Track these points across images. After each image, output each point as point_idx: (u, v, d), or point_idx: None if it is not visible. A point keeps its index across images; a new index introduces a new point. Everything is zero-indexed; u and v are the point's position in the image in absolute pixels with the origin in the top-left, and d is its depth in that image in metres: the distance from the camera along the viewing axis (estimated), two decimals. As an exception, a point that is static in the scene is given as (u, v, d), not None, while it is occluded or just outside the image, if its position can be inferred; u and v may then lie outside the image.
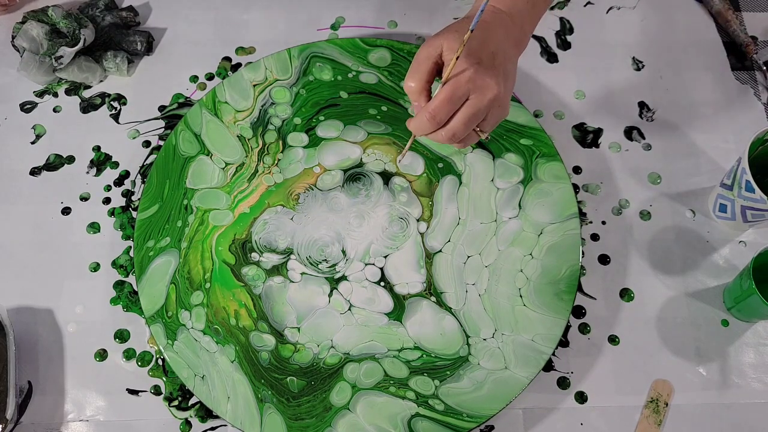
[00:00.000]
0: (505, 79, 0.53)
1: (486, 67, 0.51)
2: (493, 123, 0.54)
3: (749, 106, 0.74)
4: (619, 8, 0.80)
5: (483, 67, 0.51)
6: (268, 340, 0.62)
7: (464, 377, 0.60)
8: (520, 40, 0.57)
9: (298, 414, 0.60)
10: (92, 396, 0.62)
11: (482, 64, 0.51)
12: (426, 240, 0.66)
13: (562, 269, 0.64)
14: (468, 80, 0.50)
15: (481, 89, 0.51)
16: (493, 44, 0.53)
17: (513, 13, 0.56)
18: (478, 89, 0.51)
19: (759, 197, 0.60)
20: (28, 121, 0.73)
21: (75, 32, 0.72)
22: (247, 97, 0.71)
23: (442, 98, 0.51)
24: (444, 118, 0.52)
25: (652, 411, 0.61)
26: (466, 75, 0.50)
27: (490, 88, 0.51)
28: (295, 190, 0.68)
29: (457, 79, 0.50)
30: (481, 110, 0.52)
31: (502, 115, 0.54)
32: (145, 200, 0.67)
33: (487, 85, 0.51)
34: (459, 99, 0.51)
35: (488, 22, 0.54)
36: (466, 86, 0.50)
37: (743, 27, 0.78)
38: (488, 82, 0.51)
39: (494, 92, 0.51)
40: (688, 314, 0.65)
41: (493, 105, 0.52)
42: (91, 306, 0.65)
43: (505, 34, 0.55)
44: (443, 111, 0.51)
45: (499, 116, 0.54)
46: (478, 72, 0.50)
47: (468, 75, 0.50)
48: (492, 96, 0.51)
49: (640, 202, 0.70)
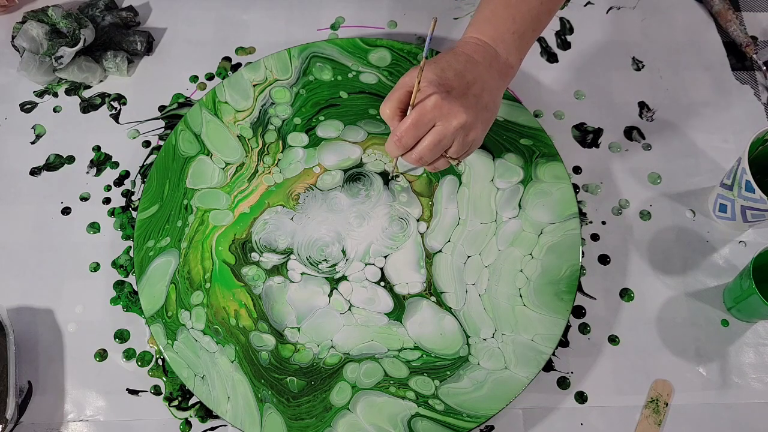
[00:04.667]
0: (478, 109, 0.54)
1: (456, 95, 0.53)
2: (460, 150, 0.55)
3: (749, 106, 0.74)
4: (619, 8, 0.80)
5: (452, 95, 0.53)
6: (268, 340, 0.62)
7: (464, 377, 0.60)
8: (505, 72, 0.58)
9: (298, 414, 0.60)
10: (92, 396, 0.62)
11: (452, 93, 0.53)
12: (426, 240, 0.66)
13: (562, 269, 0.64)
14: (434, 107, 0.52)
15: (446, 117, 0.52)
16: (470, 75, 0.54)
17: (497, 44, 0.57)
18: (444, 117, 0.52)
19: (759, 197, 0.60)
20: (28, 121, 0.73)
21: (75, 32, 0.72)
22: (247, 97, 0.71)
23: (408, 124, 0.53)
24: (410, 142, 0.54)
25: (652, 411, 0.61)
26: (432, 101, 0.52)
27: (456, 115, 0.52)
28: (295, 190, 0.68)
29: (422, 106, 0.52)
30: (447, 137, 0.53)
31: (472, 144, 0.56)
32: (145, 200, 0.67)
33: (453, 112, 0.52)
34: (425, 125, 0.53)
35: (469, 53, 0.56)
36: (431, 113, 0.52)
37: (743, 27, 0.78)
38: (455, 110, 0.52)
39: (460, 120, 0.52)
40: (688, 314, 0.65)
41: (460, 132, 0.53)
42: (91, 306, 0.65)
43: (487, 66, 0.56)
44: (408, 135, 0.53)
45: (469, 144, 0.55)
46: (446, 100, 0.52)
47: (434, 101, 0.52)
48: (458, 124, 0.52)
49: (640, 202, 0.70)
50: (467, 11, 0.79)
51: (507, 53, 0.57)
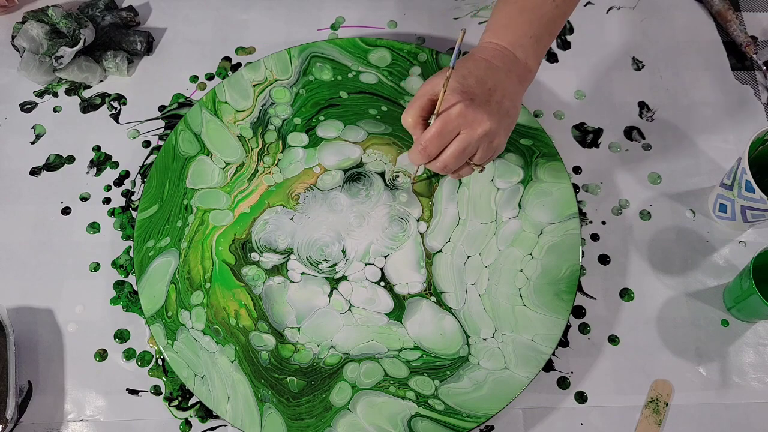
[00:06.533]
0: (501, 115, 0.54)
1: (479, 103, 0.53)
2: (485, 157, 0.55)
3: (749, 106, 0.74)
4: (619, 8, 0.80)
5: (476, 103, 0.53)
6: (268, 340, 0.62)
7: (464, 377, 0.60)
8: (524, 76, 0.57)
9: (298, 414, 0.60)
10: (92, 396, 0.62)
11: (476, 101, 0.53)
12: (426, 240, 0.66)
13: (562, 269, 0.64)
14: (458, 115, 0.52)
15: (471, 124, 0.52)
16: (491, 81, 0.54)
17: (516, 49, 0.57)
18: (469, 124, 0.52)
19: (759, 197, 0.60)
20: (28, 121, 0.73)
21: (75, 32, 0.72)
22: (247, 97, 0.71)
23: (433, 133, 0.53)
24: (435, 151, 0.54)
25: (652, 411, 0.61)
26: (457, 110, 0.52)
27: (481, 123, 0.52)
28: (295, 190, 0.68)
29: (447, 114, 0.52)
30: (472, 145, 0.53)
31: (495, 150, 0.56)
32: (145, 200, 0.67)
33: (478, 120, 0.52)
34: (449, 133, 0.53)
35: (488, 59, 0.56)
36: (456, 121, 0.52)
37: (743, 27, 0.77)
38: (479, 118, 0.52)
39: (485, 128, 0.52)
40: (688, 314, 0.65)
41: (484, 140, 0.53)
42: (91, 306, 0.65)
43: (507, 72, 0.56)
44: (433, 144, 0.53)
45: (492, 151, 0.55)
46: (470, 107, 0.52)
47: (458, 110, 0.52)
48: (482, 131, 0.53)
49: (640, 202, 0.70)
50: (467, 11, 0.79)
51: (525, 57, 0.57)
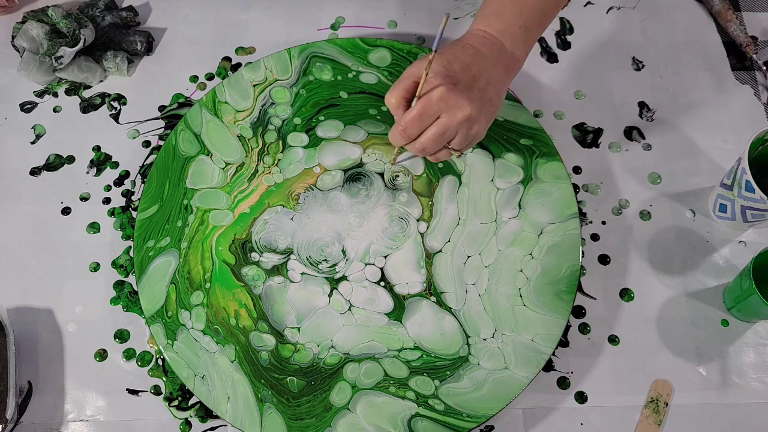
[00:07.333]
0: (483, 102, 0.54)
1: (462, 88, 0.53)
2: (463, 143, 0.56)
3: (749, 106, 0.74)
4: (619, 8, 0.80)
5: (458, 88, 0.53)
6: (268, 340, 0.62)
7: (464, 377, 0.60)
8: (511, 66, 0.58)
9: (298, 414, 0.60)
10: (92, 396, 0.62)
11: (458, 86, 0.53)
12: (426, 240, 0.66)
13: (562, 269, 0.64)
14: (440, 99, 0.52)
15: (452, 109, 0.53)
16: (476, 68, 0.54)
17: (504, 38, 0.57)
18: (450, 109, 0.53)
19: (759, 197, 0.60)
20: (28, 121, 0.73)
21: (75, 32, 0.72)
22: (247, 97, 0.71)
23: (414, 115, 0.53)
24: (415, 132, 0.54)
25: (652, 411, 0.61)
26: (438, 93, 0.52)
27: (462, 108, 0.53)
28: (295, 190, 0.68)
29: (428, 97, 0.52)
30: (451, 129, 0.54)
31: (474, 137, 0.56)
32: (145, 200, 0.67)
33: (459, 105, 0.52)
34: (430, 116, 0.53)
35: (476, 46, 0.56)
36: (437, 105, 0.52)
37: (743, 27, 0.78)
38: (460, 103, 0.52)
39: (465, 113, 0.53)
40: (688, 314, 0.65)
41: (464, 125, 0.54)
42: (91, 306, 0.65)
43: (494, 59, 0.56)
44: (413, 126, 0.54)
45: (472, 137, 0.56)
46: (452, 92, 0.52)
47: (440, 93, 0.52)
48: (462, 116, 0.53)
49: (640, 202, 0.70)
50: (467, 11, 0.79)
51: (514, 47, 0.57)
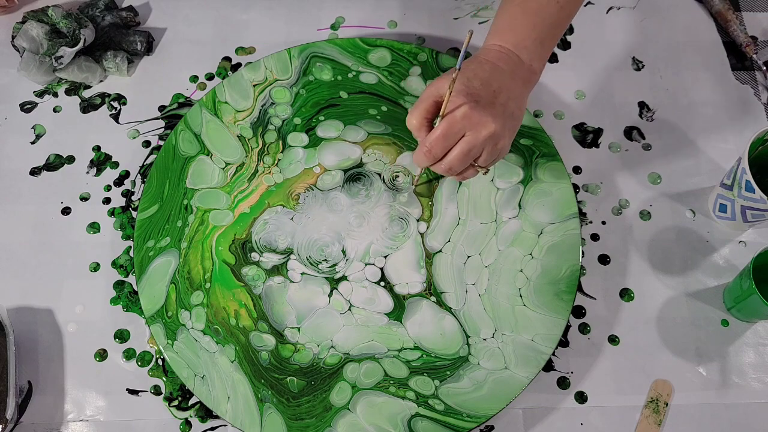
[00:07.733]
0: (506, 117, 0.54)
1: (484, 105, 0.53)
2: (489, 159, 0.55)
3: (749, 106, 0.74)
4: (619, 8, 0.80)
5: (481, 105, 0.52)
6: (268, 340, 0.62)
7: (464, 377, 0.60)
8: (529, 79, 0.57)
9: (298, 414, 0.60)
10: (92, 396, 0.62)
11: (480, 102, 0.52)
12: (426, 240, 0.66)
13: (562, 269, 0.64)
14: (463, 117, 0.52)
15: (476, 126, 0.52)
16: (496, 83, 0.54)
17: (520, 51, 0.56)
18: (474, 126, 0.52)
19: (759, 197, 0.60)
20: (28, 121, 0.73)
21: (75, 32, 0.72)
22: (247, 97, 0.71)
23: (438, 134, 0.52)
24: (440, 153, 0.53)
25: (652, 411, 0.61)
26: (462, 112, 0.52)
27: (486, 125, 0.52)
28: (295, 190, 0.68)
29: (452, 116, 0.52)
30: (476, 147, 0.53)
31: (500, 152, 0.55)
32: (145, 200, 0.67)
33: (483, 122, 0.52)
34: (454, 135, 0.52)
35: (493, 61, 0.55)
36: (461, 123, 0.52)
37: (743, 27, 0.78)
38: (484, 120, 0.52)
39: (490, 130, 0.52)
40: (688, 314, 0.65)
41: (489, 142, 0.53)
42: (91, 306, 0.65)
43: (511, 73, 0.55)
44: (438, 146, 0.53)
45: (498, 153, 0.55)
46: (475, 110, 0.52)
47: (464, 112, 0.52)
48: (487, 133, 0.52)
49: (640, 202, 0.70)
50: (467, 11, 0.79)
51: (530, 59, 0.57)
